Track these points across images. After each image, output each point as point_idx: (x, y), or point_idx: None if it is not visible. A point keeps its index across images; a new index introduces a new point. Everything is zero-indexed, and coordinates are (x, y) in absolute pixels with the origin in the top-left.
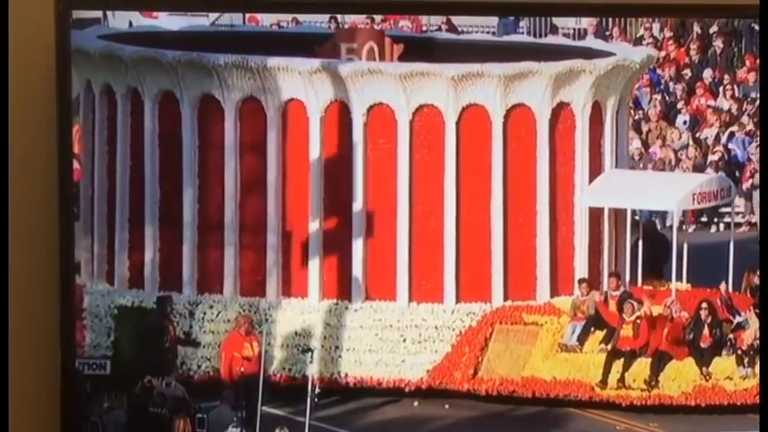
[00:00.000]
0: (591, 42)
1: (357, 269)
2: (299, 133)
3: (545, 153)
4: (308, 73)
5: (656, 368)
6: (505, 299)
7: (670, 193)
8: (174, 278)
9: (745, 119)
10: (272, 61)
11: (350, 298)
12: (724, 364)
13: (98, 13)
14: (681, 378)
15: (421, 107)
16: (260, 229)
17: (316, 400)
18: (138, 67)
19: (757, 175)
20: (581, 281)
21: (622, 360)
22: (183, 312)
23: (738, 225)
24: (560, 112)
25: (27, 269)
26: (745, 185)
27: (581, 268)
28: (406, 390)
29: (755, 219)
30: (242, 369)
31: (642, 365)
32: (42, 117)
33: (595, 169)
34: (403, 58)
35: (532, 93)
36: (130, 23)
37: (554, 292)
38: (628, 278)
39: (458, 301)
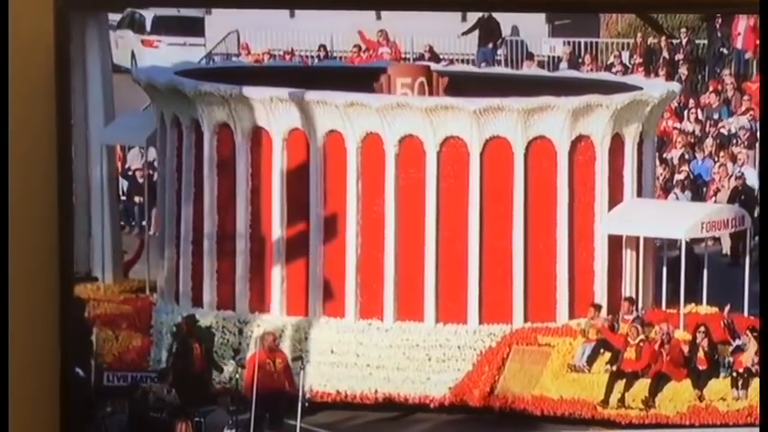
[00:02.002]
0: (632, 79)
1: (388, 291)
2: (338, 162)
3: (565, 183)
4: (343, 106)
5: (655, 389)
6: (525, 321)
7: (680, 221)
8: (229, 297)
9: (708, 140)
10: (311, 95)
11: (382, 318)
12: (718, 386)
13: None
14: (677, 398)
15: (447, 139)
16: (302, 252)
17: (306, 405)
18: (197, 99)
19: (720, 194)
20: (593, 306)
21: (624, 381)
22: (233, 330)
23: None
24: (580, 144)
25: (27, 270)
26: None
27: (600, 293)
28: (431, 406)
29: (719, 233)
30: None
31: (642, 386)
32: (42, 117)
33: (616, 199)
34: (448, 91)
35: (552, 126)
36: (133, 53)
37: (572, 315)
38: (648, 301)
39: (480, 322)
